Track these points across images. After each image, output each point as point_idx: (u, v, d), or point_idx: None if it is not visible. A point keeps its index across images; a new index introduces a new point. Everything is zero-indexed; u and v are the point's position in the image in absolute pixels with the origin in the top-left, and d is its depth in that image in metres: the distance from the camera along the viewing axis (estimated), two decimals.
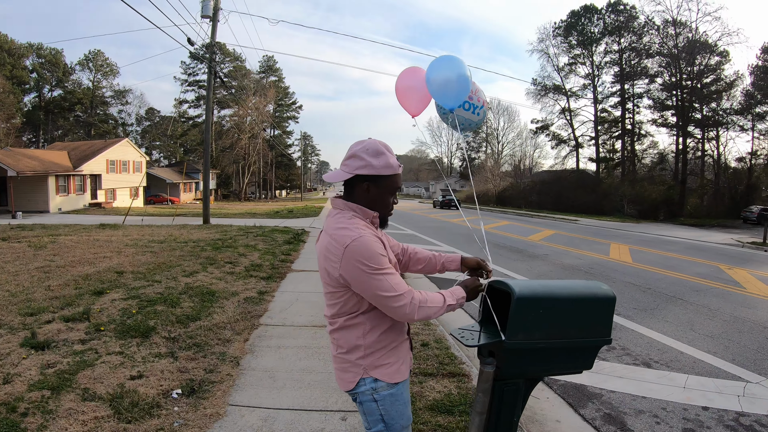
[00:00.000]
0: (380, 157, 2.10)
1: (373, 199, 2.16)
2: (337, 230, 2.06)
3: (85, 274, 8.82)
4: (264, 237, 16.37)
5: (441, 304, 2.11)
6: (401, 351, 2.25)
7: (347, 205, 2.17)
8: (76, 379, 4.35)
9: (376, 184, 2.14)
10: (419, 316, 2.05)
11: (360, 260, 1.96)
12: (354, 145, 2.17)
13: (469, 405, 4.15)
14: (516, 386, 2.28)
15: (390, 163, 2.13)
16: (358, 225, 2.07)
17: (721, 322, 7.62)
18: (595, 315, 2.26)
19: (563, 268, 12.27)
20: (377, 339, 2.16)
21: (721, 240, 23.15)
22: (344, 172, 2.13)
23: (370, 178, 2.12)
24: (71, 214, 31.31)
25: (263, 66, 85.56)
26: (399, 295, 2.00)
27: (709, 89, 45.70)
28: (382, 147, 2.14)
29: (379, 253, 2.01)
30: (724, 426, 4.32)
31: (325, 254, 2.09)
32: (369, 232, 2.07)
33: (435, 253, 2.67)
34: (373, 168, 2.09)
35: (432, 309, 2.08)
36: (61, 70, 72.86)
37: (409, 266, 2.67)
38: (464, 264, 2.55)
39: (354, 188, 2.17)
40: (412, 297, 2.03)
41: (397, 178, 2.19)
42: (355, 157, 2.12)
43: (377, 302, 2.04)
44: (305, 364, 5.06)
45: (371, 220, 2.18)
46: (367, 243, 1.99)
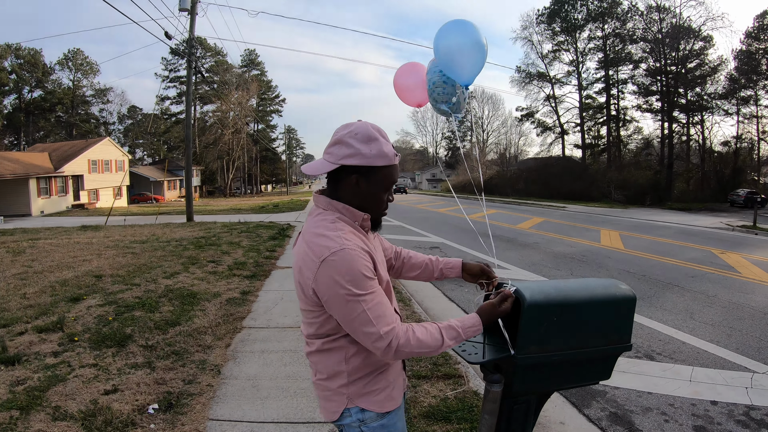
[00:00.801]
0: (372, 143, 1.69)
1: (364, 195, 1.76)
2: (315, 237, 1.68)
3: (62, 280, 8.45)
4: (248, 233, 16.01)
5: (435, 346, 1.71)
6: (392, 373, 1.89)
7: (331, 203, 1.78)
8: (46, 397, 4.02)
9: (367, 177, 1.72)
10: (399, 357, 1.69)
11: (337, 280, 1.59)
12: (339, 129, 1.76)
13: (467, 410, 3.89)
14: (527, 403, 2.00)
15: (384, 151, 1.71)
16: (341, 232, 1.68)
17: (720, 309, 7.44)
18: (615, 319, 1.97)
19: (555, 257, 12.05)
20: (362, 364, 1.79)
21: (710, 224, 23.10)
22: (327, 162, 1.72)
23: (359, 169, 1.70)
24: (54, 216, 30.74)
25: (245, 60, 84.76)
26: (378, 335, 1.62)
27: (694, 74, 45.85)
28: (375, 131, 1.72)
29: (362, 273, 1.61)
30: (735, 421, 4.11)
31: (299, 265, 1.71)
32: (355, 242, 1.67)
33: (432, 258, 2.29)
34: (363, 157, 1.68)
35: (419, 352, 1.69)
36: (40, 71, 71.59)
37: (402, 272, 2.29)
38: (466, 270, 2.18)
39: (340, 182, 1.77)
40: (391, 339, 1.62)
41: (392, 169, 1.77)
42: (341, 143, 1.71)
43: (352, 332, 1.67)
44: (291, 370, 4.77)
45: (360, 223, 1.79)
46: (350, 259, 1.60)
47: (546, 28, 55.38)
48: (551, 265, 10.96)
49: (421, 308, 7.10)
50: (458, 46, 2.78)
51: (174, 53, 67.34)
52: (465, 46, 2.77)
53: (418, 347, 1.66)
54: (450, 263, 2.24)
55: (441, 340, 1.70)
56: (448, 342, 1.71)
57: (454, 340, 1.73)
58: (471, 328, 1.77)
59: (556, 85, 56.53)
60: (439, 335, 1.70)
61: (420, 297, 7.80)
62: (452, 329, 1.73)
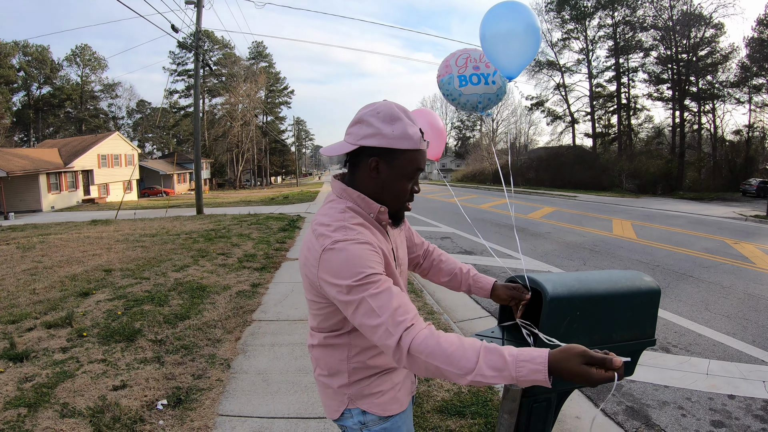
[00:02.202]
0: (395, 123, 1.51)
1: (383, 182, 1.57)
2: (320, 226, 1.53)
3: (72, 275, 8.43)
4: (258, 225, 15.97)
5: (463, 366, 1.29)
6: (397, 375, 1.73)
7: (345, 191, 1.62)
8: (54, 393, 3.99)
9: (388, 161, 1.54)
10: (416, 369, 1.37)
11: (337, 272, 1.42)
12: (362, 108, 1.59)
13: (481, 404, 3.82)
14: (547, 401, 1.92)
15: (408, 132, 1.52)
16: (348, 223, 1.52)
17: (736, 301, 7.31)
18: (639, 313, 1.89)
19: (567, 247, 11.93)
20: (365, 364, 1.65)
21: (723, 213, 22.83)
22: (346, 143, 1.56)
23: (379, 151, 1.53)
24: (64, 211, 30.81)
25: (253, 52, 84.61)
26: (385, 329, 1.36)
27: (705, 62, 45.15)
28: (399, 111, 1.54)
29: (365, 262, 1.42)
30: (753, 416, 4.02)
31: (305, 254, 1.56)
32: (362, 235, 1.49)
33: (464, 269, 2.07)
34: (384, 138, 1.50)
35: (437, 362, 1.31)
36: (48, 67, 71.79)
37: (429, 274, 2.12)
38: (495, 295, 1.96)
39: (358, 167, 1.59)
40: (402, 335, 1.34)
41: (418, 155, 1.57)
42: (362, 122, 1.54)
43: (360, 328, 1.45)
44: (301, 363, 4.71)
45: (376, 216, 1.61)
46: (350, 249, 1.43)
47: (555, 16, 54.75)
48: (563, 255, 10.84)
49: (433, 299, 7.03)
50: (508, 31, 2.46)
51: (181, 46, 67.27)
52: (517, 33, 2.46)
53: (442, 355, 1.30)
54: (480, 282, 2.03)
55: (475, 362, 1.28)
56: (484, 370, 1.27)
57: (494, 370, 1.27)
58: (528, 363, 1.25)
59: (566, 73, 55.93)
60: (475, 356, 1.28)
61: (432, 287, 7.71)
62: (498, 355, 1.28)
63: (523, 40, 2.43)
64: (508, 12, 2.47)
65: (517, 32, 2.44)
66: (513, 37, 2.45)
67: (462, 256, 10.55)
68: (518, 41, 2.44)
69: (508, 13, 2.47)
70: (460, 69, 2.42)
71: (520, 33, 2.43)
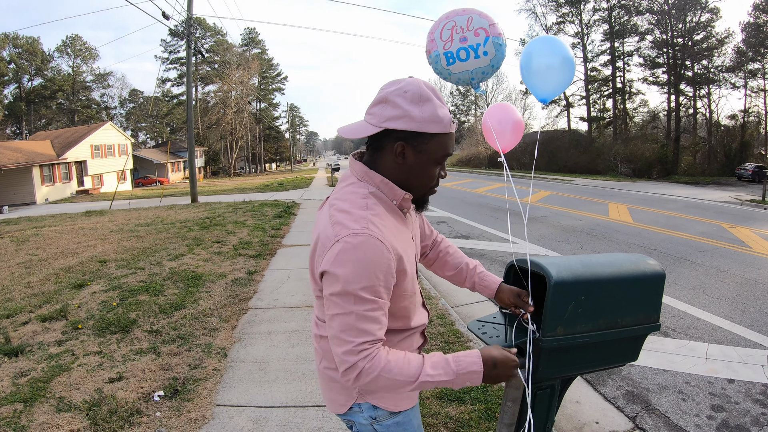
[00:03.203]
0: (424, 104, 1.39)
1: (409, 168, 1.46)
2: (339, 213, 1.41)
3: (66, 267, 8.35)
4: (253, 212, 15.90)
5: (408, 377, 1.36)
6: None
7: (368, 174, 1.49)
8: (50, 388, 3.94)
9: (416, 146, 1.42)
10: (359, 384, 1.37)
11: (344, 267, 1.32)
12: (386, 86, 1.45)
13: (481, 390, 3.80)
14: (551, 388, 1.88)
15: (438, 115, 1.40)
16: (370, 212, 1.40)
17: (733, 285, 7.31)
18: (644, 297, 1.84)
19: (564, 230, 11.91)
20: None
21: (718, 198, 22.88)
22: (369, 125, 1.43)
23: (406, 135, 1.40)
24: (58, 203, 30.70)
25: (245, 39, 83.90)
26: (355, 351, 1.33)
27: (700, 46, 45.04)
28: (428, 90, 1.41)
29: (376, 274, 1.33)
30: (752, 400, 4.01)
31: (316, 240, 1.45)
32: (384, 230, 1.38)
33: (470, 264, 1.99)
34: (412, 120, 1.38)
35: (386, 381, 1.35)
36: (39, 59, 70.95)
37: (434, 266, 2.02)
38: (499, 297, 1.88)
39: (382, 150, 1.47)
40: (365, 366, 1.33)
41: (447, 138, 1.45)
42: (386, 102, 1.41)
43: (329, 329, 1.39)
44: (299, 351, 4.68)
45: (399, 203, 1.50)
46: (368, 247, 1.32)
47: (550, 0, 54.52)
48: (560, 239, 10.82)
49: (430, 284, 7.00)
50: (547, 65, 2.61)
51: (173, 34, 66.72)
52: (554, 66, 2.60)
53: (389, 373, 1.34)
54: (486, 281, 1.93)
55: (418, 372, 1.37)
56: (428, 371, 1.38)
57: (438, 369, 1.39)
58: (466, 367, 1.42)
59: None
60: (418, 365, 1.38)
61: (429, 272, 7.69)
62: (441, 358, 1.43)
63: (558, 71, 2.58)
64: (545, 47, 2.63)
65: (554, 65, 2.57)
66: (550, 69, 2.58)
67: (458, 241, 10.52)
68: (554, 73, 2.59)
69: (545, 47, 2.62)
70: (446, 44, 2.26)
71: (557, 66, 2.58)
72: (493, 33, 2.15)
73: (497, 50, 2.16)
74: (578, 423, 3.68)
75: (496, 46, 2.14)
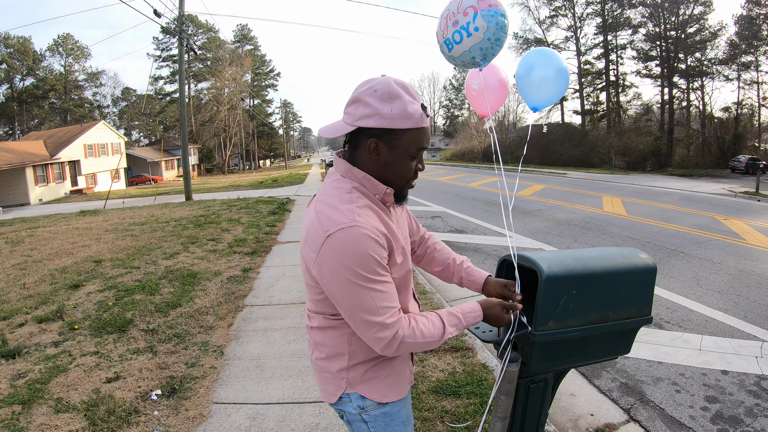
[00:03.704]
0: (394, 101, 1.45)
1: (384, 163, 1.53)
2: (325, 208, 1.49)
3: (62, 267, 8.32)
4: (248, 209, 15.87)
5: (437, 337, 1.56)
6: (398, 362, 1.72)
7: (351, 170, 1.56)
8: (48, 389, 3.93)
9: (388, 141, 1.49)
10: (399, 352, 1.53)
11: (342, 260, 1.40)
12: (359, 86, 1.52)
13: (476, 384, 3.82)
14: (544, 382, 1.90)
15: (408, 111, 1.45)
16: (355, 206, 1.47)
17: (727, 276, 7.36)
18: (636, 291, 1.87)
19: (558, 224, 11.94)
20: (366, 347, 1.61)
21: (712, 190, 22.98)
22: (345, 124, 1.51)
23: (378, 132, 1.47)
24: (52, 203, 30.61)
25: (238, 35, 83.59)
26: (381, 325, 1.45)
27: (693, 39, 45.23)
28: (398, 87, 1.47)
29: (372, 256, 1.41)
30: (746, 391, 4.05)
31: (306, 237, 1.51)
32: (369, 220, 1.46)
33: (457, 260, 2.05)
34: (382, 118, 1.44)
35: (421, 345, 1.53)
36: (30, 58, 70.48)
37: (422, 262, 2.08)
38: (486, 291, 1.93)
39: (358, 147, 1.54)
40: (395, 332, 1.47)
41: (419, 133, 1.51)
42: (358, 102, 1.47)
43: (352, 321, 1.49)
44: (295, 347, 4.69)
45: (381, 197, 1.57)
46: (360, 239, 1.40)
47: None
48: (554, 232, 10.86)
49: (425, 279, 7.02)
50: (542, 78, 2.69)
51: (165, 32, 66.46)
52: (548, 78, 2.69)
53: (423, 338, 1.52)
54: (472, 276, 1.99)
55: (443, 329, 1.58)
56: (449, 330, 1.59)
57: (455, 327, 1.61)
58: (471, 313, 1.66)
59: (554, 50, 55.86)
60: (441, 324, 1.58)
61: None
62: (453, 316, 1.62)
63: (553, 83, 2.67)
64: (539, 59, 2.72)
65: (548, 78, 2.66)
66: (544, 81, 2.67)
67: (452, 235, 10.54)
68: (549, 84, 2.68)
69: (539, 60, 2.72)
70: (444, 33, 2.26)
71: (551, 78, 2.66)
72: (481, 7, 2.10)
73: (489, 22, 2.11)
74: (573, 415, 3.71)
75: (486, 18, 2.08)
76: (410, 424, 1.78)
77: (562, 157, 47.19)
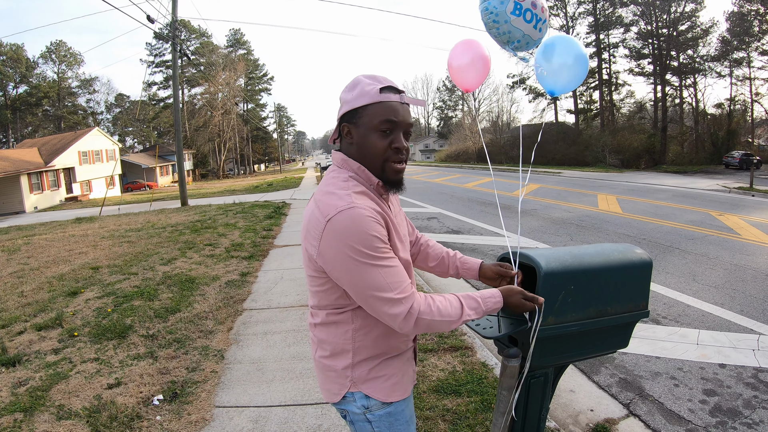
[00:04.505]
0: (355, 88, 1.57)
1: (357, 144, 1.59)
2: (324, 195, 1.54)
3: (59, 274, 8.31)
4: (244, 214, 15.88)
5: (456, 315, 1.55)
6: (402, 361, 1.73)
7: (346, 161, 1.63)
8: (49, 396, 3.93)
9: (354, 122, 1.58)
10: (417, 331, 1.52)
11: (345, 241, 1.43)
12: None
13: (477, 382, 3.84)
14: (544, 376, 1.93)
15: (365, 90, 1.55)
16: (352, 191, 1.53)
17: (723, 271, 7.40)
18: (632, 285, 1.90)
19: (554, 223, 11.99)
20: (372, 343, 1.64)
21: (706, 186, 23.09)
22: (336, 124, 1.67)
23: (347, 117, 1.59)
24: (48, 211, 30.40)
25: (231, 40, 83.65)
26: (393, 300, 1.46)
27: (685, 36, 45.37)
28: (361, 77, 1.60)
29: (373, 234, 1.44)
30: (744, 384, 4.08)
31: (306, 227, 1.56)
32: (366, 203, 1.50)
33: (450, 253, 2.10)
34: (347, 103, 1.57)
35: (439, 323, 1.52)
36: (23, 65, 70.38)
37: (417, 260, 2.10)
38: (483, 274, 1.99)
39: (341, 139, 1.67)
40: (411, 306, 1.47)
41: (379, 107, 1.54)
42: (339, 101, 1.63)
43: (362, 301, 1.51)
44: (295, 350, 4.71)
45: (376, 188, 1.62)
46: (359, 219, 1.43)
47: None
48: (550, 231, 10.90)
49: (423, 279, 7.05)
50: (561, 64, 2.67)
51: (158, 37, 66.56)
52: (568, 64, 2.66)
53: (440, 316, 1.51)
54: (467, 263, 2.05)
55: (461, 309, 1.55)
56: (468, 312, 1.56)
57: (473, 310, 1.58)
58: (491, 298, 1.62)
59: None
60: (459, 304, 1.56)
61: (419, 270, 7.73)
62: (471, 299, 1.60)
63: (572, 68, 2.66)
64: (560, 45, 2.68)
65: (568, 64, 2.64)
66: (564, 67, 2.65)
67: (449, 236, 10.58)
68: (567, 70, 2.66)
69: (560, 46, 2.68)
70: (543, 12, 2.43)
71: (571, 64, 2.64)
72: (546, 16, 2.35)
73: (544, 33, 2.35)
74: (573, 411, 3.74)
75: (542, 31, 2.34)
76: (413, 424, 1.79)
77: (557, 157, 47.25)
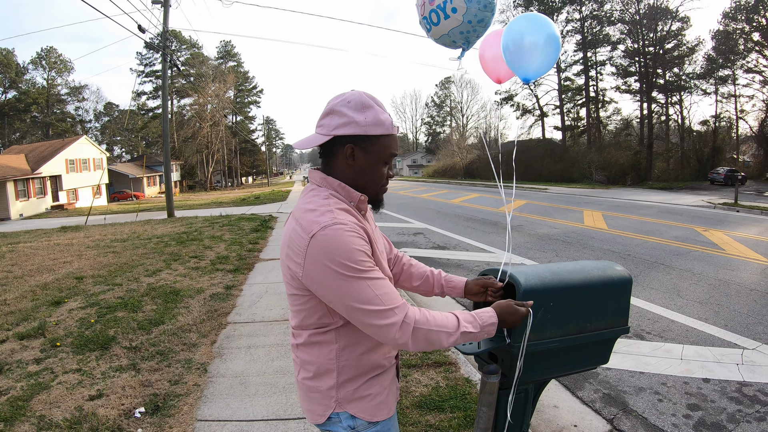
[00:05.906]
0: (367, 111, 1.54)
1: (360, 168, 1.59)
2: (305, 213, 1.52)
3: (43, 283, 8.20)
4: (230, 226, 15.77)
5: (452, 328, 1.53)
6: (387, 379, 1.71)
7: (326, 180, 1.62)
8: (30, 406, 3.88)
9: (364, 147, 1.56)
10: (415, 344, 1.49)
11: (331, 257, 1.41)
12: (332, 99, 1.60)
13: (460, 398, 3.84)
14: (525, 393, 1.93)
15: (380, 118, 1.55)
16: (333, 207, 1.52)
17: (707, 287, 7.47)
18: (612, 302, 1.92)
19: (540, 239, 12.04)
20: (355, 363, 1.62)
21: (691, 202, 23.32)
22: (320, 135, 1.56)
23: (354, 139, 1.54)
24: (33, 218, 30.09)
25: (221, 51, 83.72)
26: (385, 310, 1.45)
27: (672, 54, 46.17)
28: (369, 99, 1.57)
29: (358, 248, 1.45)
30: (728, 398, 4.11)
31: (287, 244, 1.54)
32: (349, 220, 1.50)
33: (434, 271, 2.08)
34: (358, 125, 1.52)
35: (437, 334, 1.51)
36: (13, 71, 70.16)
37: (400, 280, 2.08)
38: (468, 292, 1.99)
39: (334, 156, 1.60)
40: (405, 314, 1.47)
41: (390, 140, 1.60)
42: (333, 113, 1.55)
43: (353, 318, 1.48)
44: (279, 364, 4.68)
45: (357, 204, 1.62)
46: (343, 235, 1.43)
47: (523, 11, 55.14)
48: (536, 247, 10.94)
49: (408, 294, 7.03)
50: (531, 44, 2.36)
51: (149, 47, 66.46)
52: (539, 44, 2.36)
53: (437, 326, 1.50)
54: (452, 282, 2.04)
55: (456, 320, 1.55)
56: (464, 324, 1.55)
57: (470, 324, 1.57)
58: (485, 313, 1.62)
59: None
60: (453, 316, 1.56)
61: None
62: (466, 313, 1.60)
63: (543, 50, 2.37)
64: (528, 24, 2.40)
65: (538, 44, 2.37)
66: (534, 48, 2.37)
67: (435, 251, 10.59)
68: (539, 52, 2.39)
69: (528, 25, 2.39)
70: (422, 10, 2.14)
71: (541, 44, 2.36)
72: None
73: (468, 3, 1.99)
74: (557, 427, 3.74)
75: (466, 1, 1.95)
76: None
77: (543, 173, 47.60)
